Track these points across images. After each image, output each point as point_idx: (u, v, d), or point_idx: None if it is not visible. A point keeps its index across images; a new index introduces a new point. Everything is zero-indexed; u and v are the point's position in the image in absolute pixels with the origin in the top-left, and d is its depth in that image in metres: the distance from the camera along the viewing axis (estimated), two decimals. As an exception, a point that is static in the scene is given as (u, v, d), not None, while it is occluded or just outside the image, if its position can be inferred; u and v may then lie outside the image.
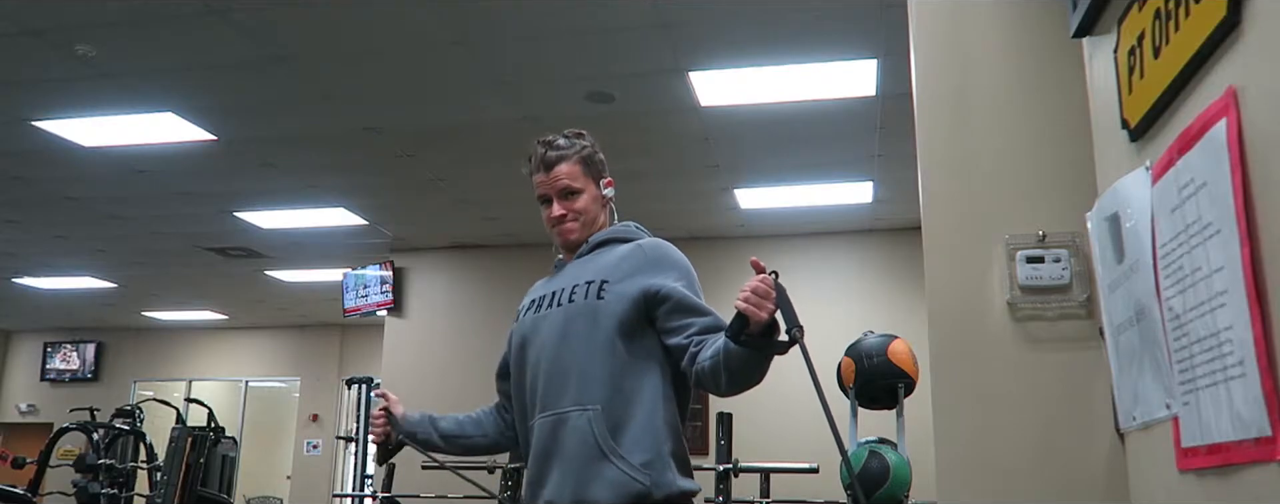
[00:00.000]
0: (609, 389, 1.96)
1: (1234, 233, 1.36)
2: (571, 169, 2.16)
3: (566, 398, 1.98)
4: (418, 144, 6.35)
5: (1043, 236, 2.44)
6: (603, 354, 1.99)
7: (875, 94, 5.45)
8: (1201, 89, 1.52)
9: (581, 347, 2.00)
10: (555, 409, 1.99)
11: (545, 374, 2.04)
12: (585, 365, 1.99)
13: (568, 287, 2.10)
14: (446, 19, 4.64)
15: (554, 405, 2.00)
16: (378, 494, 7.06)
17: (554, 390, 2.01)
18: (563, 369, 2.01)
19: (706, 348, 1.93)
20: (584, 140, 2.21)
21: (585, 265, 2.14)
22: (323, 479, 12.63)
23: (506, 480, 5.50)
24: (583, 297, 2.05)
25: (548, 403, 2.01)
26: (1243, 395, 1.36)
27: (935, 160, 2.60)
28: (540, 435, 2.01)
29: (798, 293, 1.91)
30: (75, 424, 7.18)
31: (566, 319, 2.05)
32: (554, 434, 1.98)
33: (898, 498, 3.15)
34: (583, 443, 1.93)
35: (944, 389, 2.47)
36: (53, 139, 6.14)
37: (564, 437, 1.96)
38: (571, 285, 2.10)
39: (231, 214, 7.99)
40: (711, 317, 2.00)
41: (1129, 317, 1.83)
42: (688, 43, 4.85)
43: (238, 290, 11.12)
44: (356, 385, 8.19)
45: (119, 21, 4.65)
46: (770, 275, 1.86)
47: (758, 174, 6.94)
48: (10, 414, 13.86)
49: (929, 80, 2.67)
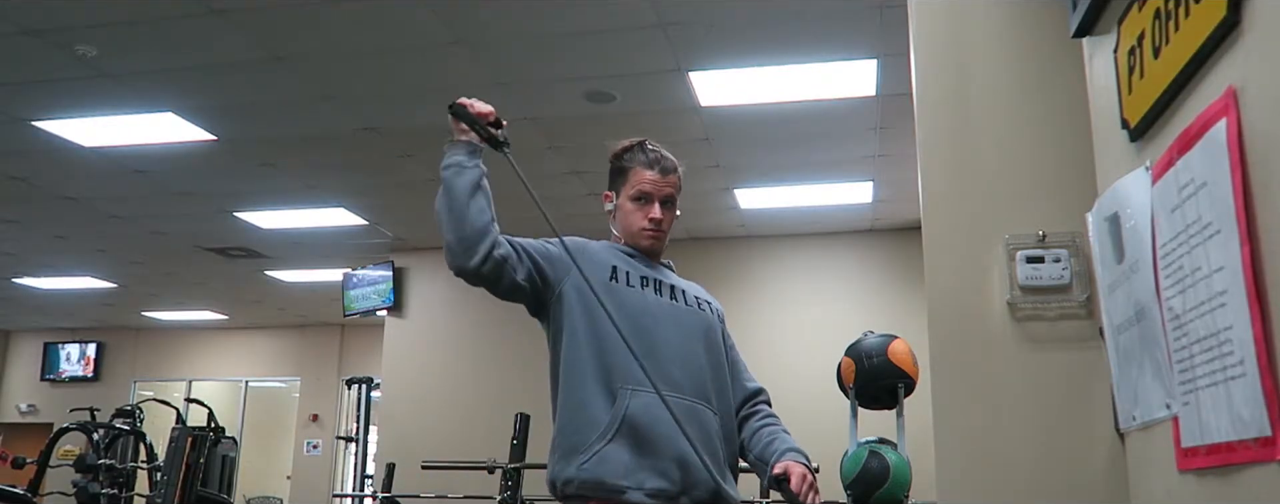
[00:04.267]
0: (728, 407, 2.17)
1: (1234, 233, 1.36)
2: (677, 182, 2.21)
3: (713, 401, 2.11)
4: (418, 144, 6.35)
5: (1043, 236, 2.44)
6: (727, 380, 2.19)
7: (875, 94, 5.45)
8: (1201, 89, 1.52)
9: (721, 371, 2.17)
10: (703, 400, 2.08)
11: (696, 365, 2.10)
12: (723, 385, 2.16)
13: (684, 290, 2.20)
14: (446, 19, 4.64)
15: (700, 396, 2.08)
16: (378, 494, 7.06)
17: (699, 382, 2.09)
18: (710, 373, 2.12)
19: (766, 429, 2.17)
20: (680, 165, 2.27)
21: (683, 283, 2.24)
22: (323, 479, 12.63)
23: (506, 480, 5.50)
24: (711, 314, 2.21)
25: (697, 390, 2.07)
26: (1243, 395, 1.36)
27: (935, 160, 2.60)
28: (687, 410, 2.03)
29: (798, 293, 1.92)
30: (75, 424, 7.17)
31: (707, 329, 2.17)
32: (702, 420, 2.06)
33: (898, 498, 3.15)
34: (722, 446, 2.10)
35: (944, 389, 2.47)
36: (53, 139, 6.14)
37: (711, 431, 2.07)
38: (689, 292, 2.21)
39: (231, 214, 7.99)
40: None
41: (1129, 317, 1.83)
42: (688, 43, 4.85)
43: (238, 290, 11.12)
44: (356, 385, 8.19)
45: (119, 21, 4.65)
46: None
47: (758, 174, 6.94)
48: (10, 414, 13.86)
49: (929, 80, 2.67)
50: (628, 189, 2.19)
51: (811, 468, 2.04)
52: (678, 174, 2.21)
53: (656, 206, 2.17)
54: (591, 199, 7.70)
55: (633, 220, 2.18)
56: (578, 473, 1.98)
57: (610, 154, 2.25)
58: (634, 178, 2.18)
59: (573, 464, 1.99)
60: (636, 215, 2.18)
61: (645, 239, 2.18)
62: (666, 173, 2.18)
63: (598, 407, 2.01)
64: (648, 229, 2.17)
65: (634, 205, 2.18)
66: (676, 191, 2.21)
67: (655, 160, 2.18)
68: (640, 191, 2.17)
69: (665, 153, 2.22)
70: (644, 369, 1.95)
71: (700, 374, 2.09)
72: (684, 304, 2.16)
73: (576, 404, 2.04)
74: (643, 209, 2.17)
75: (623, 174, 2.21)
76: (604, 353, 2.04)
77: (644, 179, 2.17)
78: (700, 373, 2.09)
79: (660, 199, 2.17)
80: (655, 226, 2.17)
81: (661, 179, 2.17)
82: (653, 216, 2.16)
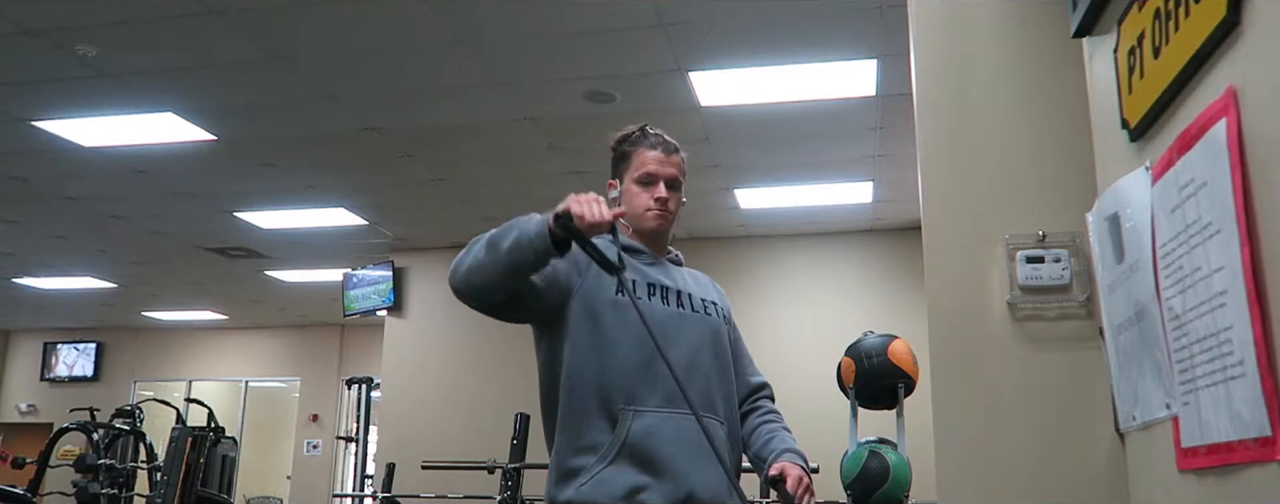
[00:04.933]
0: (734, 412, 2.17)
1: (1234, 233, 1.36)
2: (681, 164, 2.19)
3: (720, 410, 2.10)
4: (418, 144, 6.35)
5: (1043, 237, 2.44)
6: (732, 384, 2.18)
7: (875, 94, 5.45)
8: (1201, 89, 1.52)
9: (728, 375, 2.16)
10: (712, 414, 2.06)
11: (702, 376, 2.07)
12: (730, 390, 2.15)
13: (690, 293, 2.17)
14: (446, 19, 4.64)
15: (707, 408, 2.04)
16: (378, 494, 7.06)
17: (707, 395, 2.07)
18: (717, 382, 2.11)
19: (765, 426, 2.18)
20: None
21: (689, 279, 2.22)
22: (323, 479, 12.63)
23: (506, 480, 5.50)
24: (716, 316, 2.19)
25: (703, 403, 2.03)
26: (1243, 395, 1.36)
27: (935, 160, 2.60)
28: (691, 430, 1.97)
29: (798, 293, 1.92)
30: (75, 424, 7.18)
31: (714, 335, 2.15)
32: (710, 435, 1.98)
33: (898, 498, 3.15)
34: (728, 453, 2.07)
35: (944, 389, 2.47)
36: (53, 139, 6.14)
37: (718, 444, 2.01)
38: (695, 295, 2.18)
39: (231, 214, 7.99)
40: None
41: (1129, 317, 1.83)
42: (688, 43, 4.85)
43: (238, 290, 11.12)
44: (356, 385, 8.19)
45: (119, 21, 4.65)
46: None
47: (758, 174, 6.94)
48: (10, 414, 13.85)
49: (929, 80, 2.66)
50: (631, 172, 2.17)
51: (809, 469, 2.03)
52: (681, 156, 2.19)
53: (661, 186, 2.14)
54: (591, 199, 7.70)
55: (638, 202, 2.15)
56: (576, 494, 1.95)
57: (611, 142, 2.23)
58: (637, 160, 2.16)
59: (571, 486, 1.96)
60: (642, 197, 2.15)
61: (651, 220, 2.15)
62: (670, 153, 2.16)
63: (598, 429, 1.98)
64: (653, 209, 2.14)
65: (639, 188, 2.15)
66: (681, 174, 2.18)
67: (658, 142, 2.17)
68: (645, 173, 2.14)
69: (667, 136, 2.20)
70: (683, 393, 1.91)
71: (706, 384, 2.07)
72: (690, 310, 2.13)
73: (576, 428, 2.00)
74: (648, 190, 2.15)
75: (625, 159, 2.19)
76: (605, 371, 2.00)
77: (648, 160, 2.15)
78: (706, 383, 2.07)
79: (665, 179, 2.15)
80: (661, 206, 2.14)
81: (666, 159, 2.15)
82: (658, 196, 2.14)
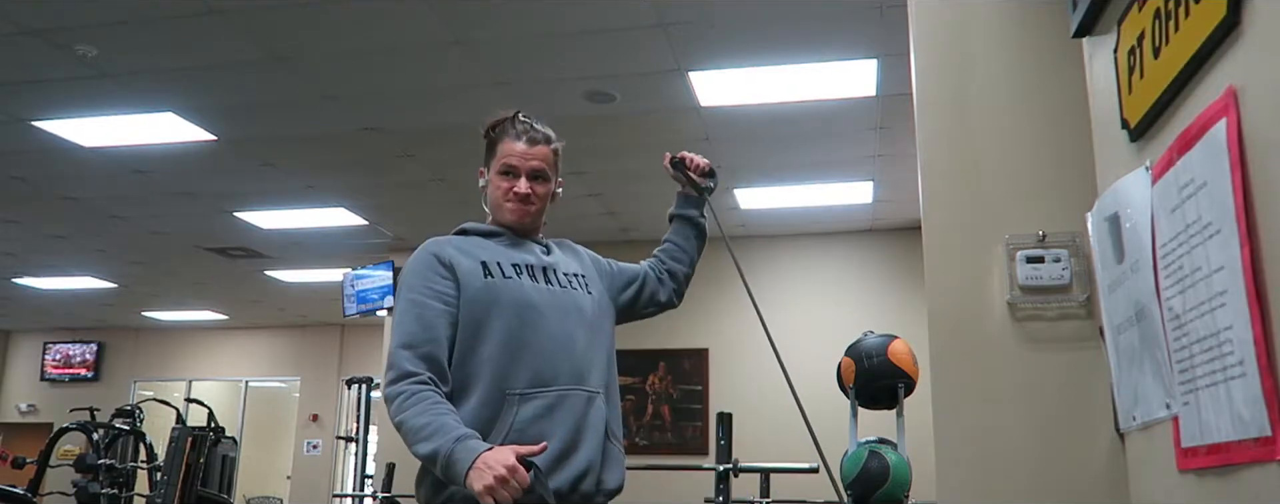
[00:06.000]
0: (609, 377, 2.16)
1: (1234, 233, 1.36)
2: (549, 155, 2.17)
3: (593, 379, 2.09)
4: (418, 144, 6.35)
5: (1043, 237, 2.44)
6: (609, 347, 2.19)
7: (875, 94, 5.45)
8: (1201, 89, 1.52)
9: (601, 340, 2.16)
10: (585, 386, 2.06)
11: (580, 350, 2.08)
12: (598, 355, 2.14)
13: (557, 269, 2.16)
14: (446, 19, 4.64)
15: (584, 382, 2.06)
16: (378, 494, 7.06)
17: (583, 368, 2.07)
18: (590, 351, 2.10)
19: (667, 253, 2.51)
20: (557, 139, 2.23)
21: (557, 256, 2.21)
22: (323, 479, 12.63)
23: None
24: (583, 289, 2.18)
25: (579, 378, 2.06)
26: (1243, 395, 1.36)
27: (935, 160, 2.60)
28: (573, 406, 2.02)
29: (798, 293, 1.92)
30: (75, 424, 7.17)
31: (586, 306, 2.15)
32: (587, 408, 2.05)
33: (898, 498, 3.15)
34: (602, 421, 2.08)
35: (944, 389, 2.47)
36: (53, 139, 6.14)
37: (591, 414, 2.05)
38: (562, 270, 2.17)
39: (231, 214, 7.99)
40: None
41: (1129, 317, 1.83)
42: (688, 43, 4.85)
43: (238, 290, 11.12)
44: (356, 385, 8.19)
45: (119, 21, 4.65)
46: None
47: (758, 174, 6.94)
48: (10, 414, 13.86)
49: (929, 80, 2.67)
50: (495, 163, 2.16)
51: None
52: (551, 147, 2.16)
53: (522, 180, 2.12)
54: (592, 200, 7.72)
55: (497, 193, 2.15)
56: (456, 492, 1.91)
57: (483, 129, 2.21)
58: (502, 150, 2.14)
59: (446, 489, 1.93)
60: (501, 188, 2.14)
61: (509, 213, 2.14)
62: (534, 143, 2.13)
63: (483, 418, 1.95)
64: (509, 202, 2.13)
65: (499, 179, 2.15)
66: (548, 165, 2.15)
67: (523, 132, 2.14)
68: (506, 165, 2.13)
69: (538, 125, 2.17)
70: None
71: (576, 358, 2.06)
72: (558, 286, 2.13)
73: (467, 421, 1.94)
74: (506, 182, 2.13)
75: (492, 148, 2.18)
76: (488, 360, 2.00)
77: (511, 151, 2.13)
78: (576, 357, 2.06)
79: (526, 172, 2.13)
80: (519, 200, 2.12)
81: (529, 150, 2.12)
82: (517, 190, 2.12)
